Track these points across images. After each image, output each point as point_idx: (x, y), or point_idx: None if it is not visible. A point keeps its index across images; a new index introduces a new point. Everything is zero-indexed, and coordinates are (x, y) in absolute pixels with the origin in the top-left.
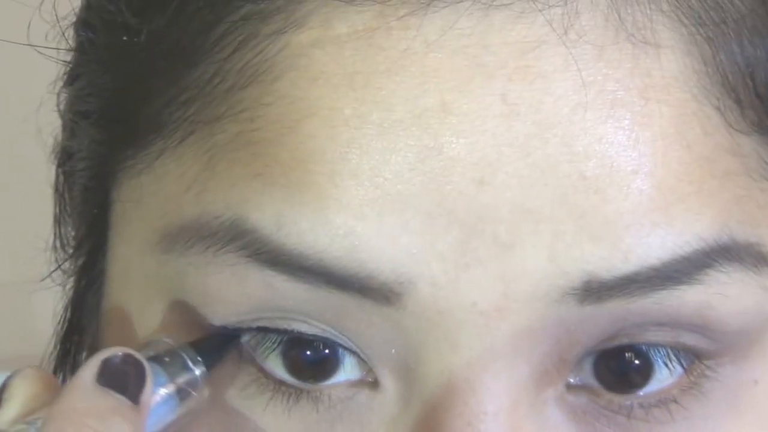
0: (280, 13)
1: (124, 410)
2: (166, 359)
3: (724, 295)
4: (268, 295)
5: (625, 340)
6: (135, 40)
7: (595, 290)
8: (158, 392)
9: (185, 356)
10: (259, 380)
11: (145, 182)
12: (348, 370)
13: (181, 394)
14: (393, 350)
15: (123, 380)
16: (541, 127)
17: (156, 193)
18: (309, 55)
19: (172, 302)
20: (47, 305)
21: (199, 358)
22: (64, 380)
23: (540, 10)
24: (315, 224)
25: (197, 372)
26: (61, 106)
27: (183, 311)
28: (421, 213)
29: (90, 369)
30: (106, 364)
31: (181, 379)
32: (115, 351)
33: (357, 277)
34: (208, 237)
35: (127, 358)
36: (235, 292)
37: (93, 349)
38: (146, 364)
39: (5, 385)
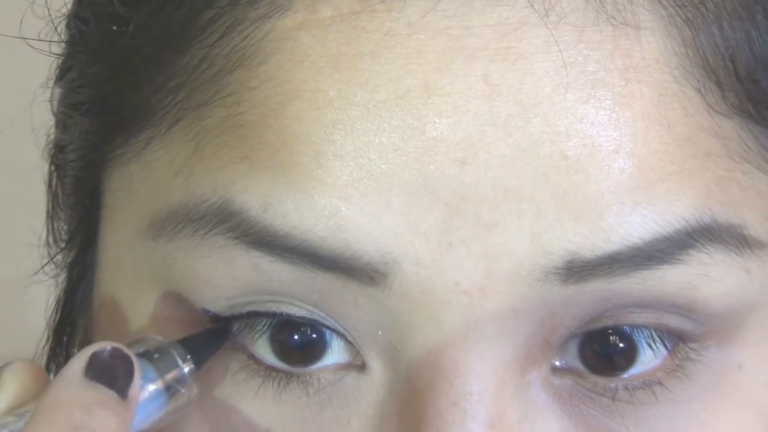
0: None
1: (112, 403)
2: (156, 356)
3: (707, 276)
4: (255, 277)
5: (609, 323)
6: (124, 29)
7: (577, 269)
8: (147, 388)
9: (174, 353)
10: (249, 366)
11: (134, 170)
12: (336, 354)
13: (170, 390)
14: (379, 332)
15: (111, 374)
16: (523, 107)
17: (145, 181)
18: (294, 38)
19: (162, 291)
20: (42, 301)
21: (189, 356)
22: (56, 373)
23: None
24: (300, 205)
25: (186, 369)
26: (54, 103)
27: (173, 300)
28: (405, 193)
29: (78, 362)
30: (94, 357)
31: (170, 376)
32: (104, 345)
33: (342, 257)
34: (196, 221)
35: (115, 352)
36: (222, 274)
37: (85, 341)
38: (135, 359)
39: None
